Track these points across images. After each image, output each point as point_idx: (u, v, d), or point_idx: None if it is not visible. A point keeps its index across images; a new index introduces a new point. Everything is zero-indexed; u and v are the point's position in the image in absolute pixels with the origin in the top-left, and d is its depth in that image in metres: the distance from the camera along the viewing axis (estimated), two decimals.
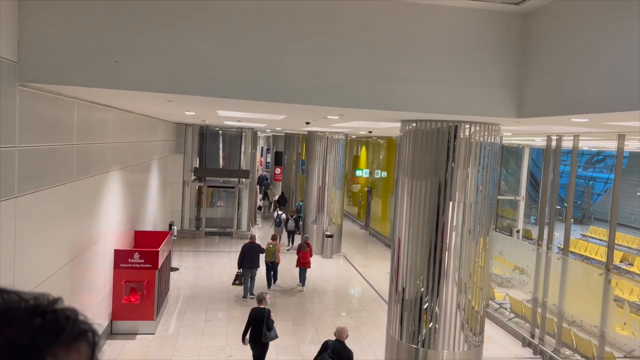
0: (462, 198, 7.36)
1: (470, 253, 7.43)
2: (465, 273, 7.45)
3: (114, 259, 9.93)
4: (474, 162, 7.35)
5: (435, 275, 7.47)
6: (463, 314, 7.51)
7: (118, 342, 9.69)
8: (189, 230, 19.94)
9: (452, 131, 7.28)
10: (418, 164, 7.55)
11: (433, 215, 7.42)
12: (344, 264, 17.35)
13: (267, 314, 8.10)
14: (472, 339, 7.66)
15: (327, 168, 18.51)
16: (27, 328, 0.83)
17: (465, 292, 7.48)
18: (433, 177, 7.41)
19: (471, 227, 7.40)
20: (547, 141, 10.76)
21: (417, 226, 7.57)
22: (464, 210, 7.37)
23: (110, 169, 9.34)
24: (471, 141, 7.29)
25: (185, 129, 19.53)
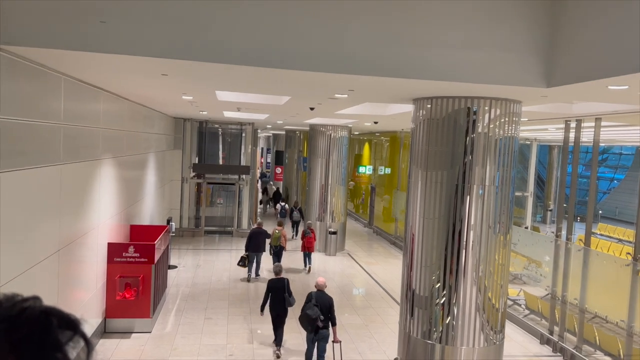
0: (481, 189, 6.83)
1: (489, 247, 6.91)
2: (485, 268, 6.93)
3: (108, 252, 9.36)
4: (494, 150, 6.83)
5: (453, 270, 6.95)
6: (482, 310, 6.97)
7: (112, 341, 9.10)
8: (188, 228, 19.36)
9: (470, 114, 6.75)
10: (433, 154, 7.03)
11: (450, 209, 6.90)
12: (348, 261, 16.77)
13: (287, 282, 9.02)
14: (492, 337, 7.10)
15: (330, 164, 17.96)
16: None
17: (484, 288, 6.96)
18: (449, 167, 6.90)
19: (491, 220, 6.88)
20: (565, 130, 10.19)
21: (433, 220, 7.07)
22: (483, 202, 6.84)
23: (102, 156, 8.78)
24: (490, 125, 6.77)
25: (184, 124, 18.98)
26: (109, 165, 9.28)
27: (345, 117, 12.97)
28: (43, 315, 0.83)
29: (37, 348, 0.80)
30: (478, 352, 7.08)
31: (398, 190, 20.18)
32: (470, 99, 6.74)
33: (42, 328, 0.81)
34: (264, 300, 9.03)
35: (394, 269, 15.96)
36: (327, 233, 17.45)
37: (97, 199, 8.58)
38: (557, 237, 10.06)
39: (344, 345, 9.48)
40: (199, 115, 16.99)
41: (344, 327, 10.48)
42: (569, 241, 9.72)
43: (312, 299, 8.05)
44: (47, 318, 0.83)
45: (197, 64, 5.08)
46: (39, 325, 0.82)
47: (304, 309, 8.03)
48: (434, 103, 6.99)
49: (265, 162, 46.65)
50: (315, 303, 7.96)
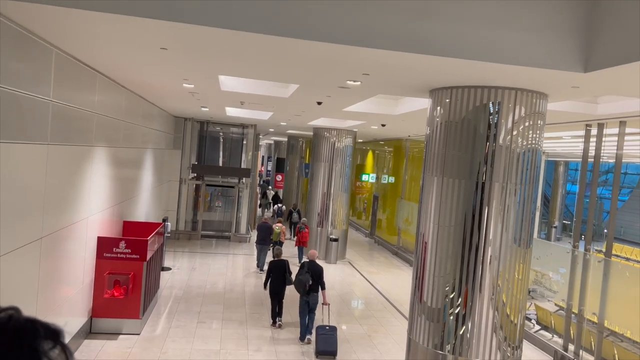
0: (503, 197, 6.31)
1: (509, 259, 6.37)
2: (503, 280, 6.38)
3: (97, 247, 8.79)
4: (519, 153, 6.31)
5: (469, 280, 6.38)
6: (498, 323, 6.41)
7: (97, 342, 8.49)
8: (184, 231, 18.77)
9: (492, 115, 6.25)
10: (450, 159, 6.52)
11: (467, 217, 6.38)
12: (349, 269, 16.17)
13: (287, 263, 10.05)
14: (509, 352, 6.52)
15: (333, 170, 17.44)
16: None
17: (502, 301, 6.40)
18: (468, 174, 6.38)
19: (511, 232, 6.35)
20: (585, 139, 9.68)
21: (448, 227, 6.53)
22: (503, 209, 6.32)
23: (95, 143, 8.25)
24: (513, 132, 6.26)
25: (185, 124, 18.49)
26: (102, 154, 8.74)
27: (352, 117, 12.45)
28: (29, 324, 0.84)
29: (27, 356, 0.81)
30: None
31: (402, 199, 19.62)
32: (494, 90, 6.23)
33: (31, 336, 0.82)
34: (266, 279, 10.10)
35: (396, 279, 15.38)
36: (328, 240, 16.87)
37: (88, 188, 8.03)
38: (575, 248, 9.49)
39: (347, 357, 8.90)
40: (200, 115, 16.50)
41: (346, 337, 9.87)
42: (588, 252, 9.15)
43: (305, 267, 9.31)
44: (34, 326, 0.84)
45: (198, 32, 4.57)
46: (27, 333, 0.82)
47: (297, 275, 9.27)
48: (453, 97, 6.47)
49: (266, 170, 46.14)
50: (307, 270, 9.19)
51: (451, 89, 6.51)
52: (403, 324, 11.15)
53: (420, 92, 7.00)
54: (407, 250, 18.64)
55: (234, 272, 14.34)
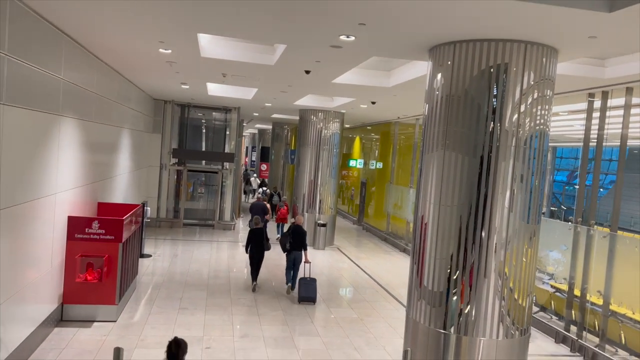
0: (510, 172, 5.79)
1: (516, 237, 5.86)
2: (510, 261, 5.88)
3: (68, 227, 8.08)
4: (529, 119, 5.79)
5: (474, 261, 5.86)
6: (506, 306, 5.91)
7: (69, 330, 7.81)
8: (166, 218, 18.02)
9: (499, 80, 5.71)
10: (452, 136, 5.96)
11: (471, 196, 5.84)
12: (338, 255, 15.61)
13: (265, 231, 11.47)
14: (512, 330, 6.02)
15: (320, 154, 16.83)
16: None
17: (507, 280, 5.90)
18: (472, 152, 5.84)
19: (519, 208, 5.84)
20: (588, 106, 9.21)
21: (450, 207, 5.99)
22: (511, 187, 5.80)
23: (63, 112, 7.52)
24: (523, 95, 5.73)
25: (164, 107, 17.70)
26: (72, 126, 8.02)
27: (341, 93, 11.83)
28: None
29: None
30: (499, 344, 5.99)
31: (391, 183, 19.11)
32: (501, 45, 5.68)
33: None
34: (247, 244, 11.08)
35: (386, 263, 14.89)
36: (316, 225, 16.28)
37: (55, 161, 7.31)
38: (577, 224, 9.03)
39: (339, 341, 8.37)
40: (180, 96, 15.74)
41: (337, 321, 9.32)
42: (592, 227, 8.69)
43: (290, 230, 10.98)
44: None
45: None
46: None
47: (283, 235, 11.12)
48: (456, 56, 5.90)
49: (250, 160, 45.38)
50: (289, 233, 10.84)
51: (454, 45, 5.94)
52: (396, 307, 10.64)
53: (420, 51, 6.42)
54: (397, 235, 18.17)
55: (219, 258, 13.69)
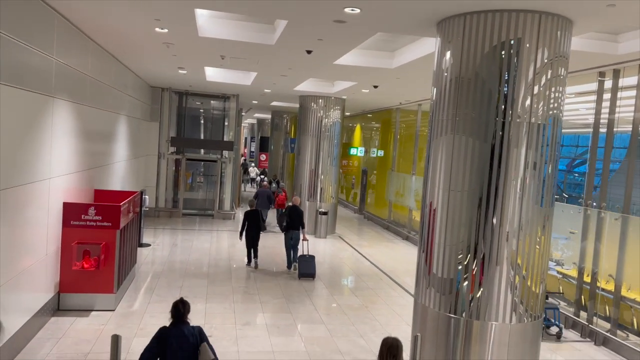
0: (522, 160, 5.54)
1: (529, 223, 5.63)
2: (523, 248, 5.65)
3: (63, 213, 7.83)
4: (542, 104, 5.53)
5: (486, 247, 5.63)
6: (519, 296, 5.70)
7: (66, 320, 7.59)
8: (164, 208, 17.77)
9: (511, 52, 5.44)
10: (463, 116, 5.69)
11: (482, 179, 5.60)
12: (340, 243, 15.39)
13: (260, 212, 11.91)
14: (526, 317, 5.81)
15: (321, 142, 16.55)
16: None
17: (519, 266, 5.67)
18: (484, 132, 5.58)
19: (531, 195, 5.60)
20: (598, 86, 8.93)
21: (461, 192, 5.74)
22: (524, 172, 5.56)
23: (56, 94, 7.25)
24: (537, 74, 5.47)
25: (162, 95, 17.38)
26: (65, 109, 7.74)
27: (342, 76, 11.54)
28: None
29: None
30: (512, 328, 5.77)
31: (393, 171, 18.86)
32: (514, 16, 5.40)
33: None
34: (242, 227, 11.38)
35: (389, 251, 14.68)
36: (317, 214, 16.05)
37: (49, 144, 7.05)
38: (587, 207, 8.80)
39: (344, 328, 8.17)
40: (178, 82, 15.44)
41: (341, 309, 9.11)
42: (602, 209, 8.46)
43: (287, 210, 11.47)
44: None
45: None
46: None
47: (280, 215, 11.91)
48: (466, 31, 5.63)
49: (249, 151, 45.09)
50: (287, 213, 11.34)
51: (464, 18, 5.66)
52: (401, 294, 10.44)
53: (427, 24, 6.13)
54: (399, 223, 17.95)
55: (219, 248, 13.46)
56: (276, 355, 6.96)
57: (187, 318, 4.48)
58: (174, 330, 4.34)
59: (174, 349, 4.25)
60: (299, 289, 10.13)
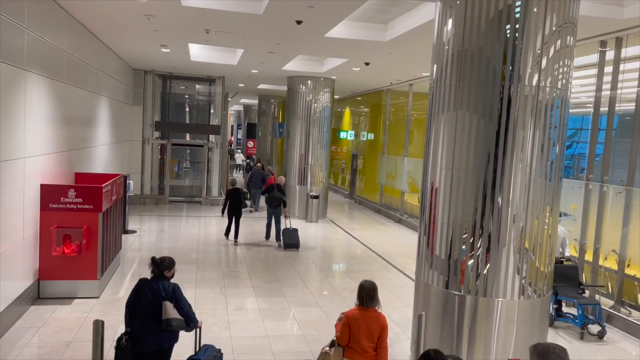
0: (529, 132, 5.20)
1: (536, 203, 5.31)
2: (530, 228, 5.34)
3: (41, 196, 7.36)
4: (550, 79, 5.19)
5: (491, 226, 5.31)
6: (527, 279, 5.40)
7: (46, 308, 7.16)
8: (150, 195, 17.28)
9: (517, 20, 5.07)
10: (467, 90, 5.31)
11: (488, 157, 5.25)
12: (332, 227, 15.06)
13: (241, 191, 12.18)
14: (531, 293, 5.53)
15: (311, 125, 16.12)
16: None
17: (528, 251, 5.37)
18: (489, 110, 5.22)
19: (538, 167, 5.27)
20: (599, 57, 8.61)
21: (465, 171, 5.39)
22: (532, 148, 5.23)
23: (29, 67, 6.75)
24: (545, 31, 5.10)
25: (145, 78, 16.80)
26: (40, 84, 7.25)
27: (334, 51, 11.11)
28: None
29: None
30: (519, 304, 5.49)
31: (384, 153, 18.52)
32: None
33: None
34: (224, 205, 12.05)
35: (382, 234, 14.39)
36: (308, 197, 15.69)
37: (22, 120, 6.57)
38: (589, 181, 8.53)
39: (340, 310, 7.85)
40: (161, 64, 14.89)
41: (336, 291, 8.79)
42: (605, 184, 8.20)
43: (275, 188, 12.05)
44: None
45: None
46: None
47: (272, 194, 11.99)
48: None
49: (236, 139, 44.51)
50: (277, 190, 11.95)
51: None
52: (397, 275, 10.16)
53: None
54: (391, 207, 17.66)
55: (208, 233, 13.05)
56: (271, 339, 6.62)
57: (169, 275, 4.63)
58: (150, 283, 4.54)
59: (148, 300, 4.46)
60: (292, 273, 9.78)
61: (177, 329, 4.51)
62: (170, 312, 4.43)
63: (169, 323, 4.42)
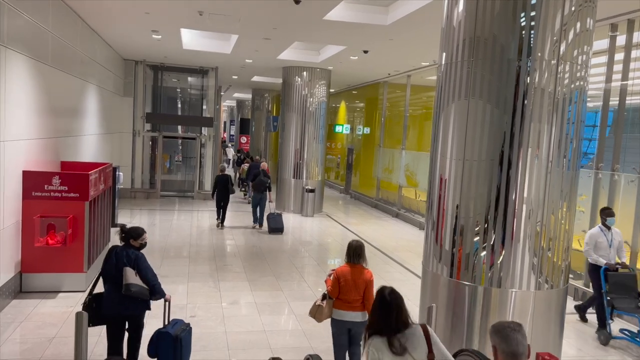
0: (545, 124, 4.82)
1: (552, 193, 4.93)
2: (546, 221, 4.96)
3: (23, 184, 6.93)
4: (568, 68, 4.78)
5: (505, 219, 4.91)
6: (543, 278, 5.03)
7: (29, 302, 6.73)
8: (141, 189, 16.81)
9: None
10: (480, 77, 4.91)
11: (502, 146, 4.86)
12: (328, 221, 14.68)
13: (230, 177, 12.68)
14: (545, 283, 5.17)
15: (306, 117, 15.72)
16: None
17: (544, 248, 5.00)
18: (500, 103, 4.84)
19: (554, 157, 4.89)
20: (610, 42, 8.29)
21: (478, 162, 4.99)
22: (548, 140, 4.85)
23: (8, 44, 6.31)
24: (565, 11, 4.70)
25: (135, 68, 16.32)
26: (21, 63, 6.81)
27: (332, 37, 10.72)
28: None
29: None
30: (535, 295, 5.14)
31: (381, 147, 18.16)
32: None
33: None
34: (213, 189, 12.52)
35: (379, 228, 14.04)
36: (304, 191, 15.30)
37: (1, 99, 6.13)
38: (598, 170, 8.21)
39: None
40: (152, 53, 14.43)
41: None
42: (616, 172, 7.88)
43: (260, 174, 12.54)
44: None
45: None
46: None
47: (259, 178, 12.50)
48: None
49: (229, 135, 44.02)
50: (263, 176, 12.47)
51: None
52: (397, 269, 9.81)
53: None
54: (388, 201, 17.31)
55: (200, 227, 12.62)
56: (268, 334, 6.23)
57: (136, 243, 4.79)
58: (118, 249, 4.76)
59: (112, 266, 4.68)
60: (289, 266, 9.40)
61: (136, 295, 4.61)
62: (129, 278, 4.58)
63: (128, 288, 4.55)
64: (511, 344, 2.59)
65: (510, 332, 2.64)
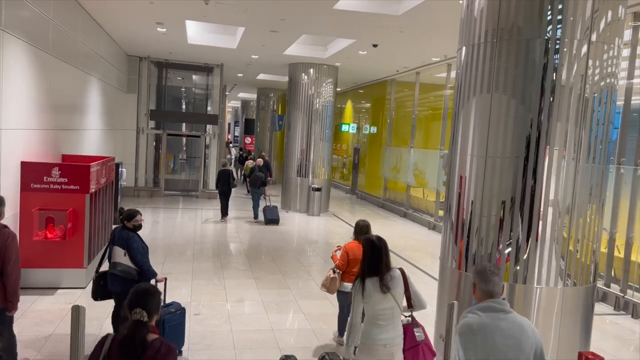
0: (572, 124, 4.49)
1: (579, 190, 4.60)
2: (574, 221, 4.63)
3: (21, 175, 6.66)
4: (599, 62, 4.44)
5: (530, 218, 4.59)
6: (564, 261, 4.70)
7: (26, 298, 6.42)
8: (145, 187, 16.54)
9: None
10: (504, 70, 4.58)
11: (527, 142, 4.54)
12: (335, 221, 14.38)
13: (231, 172, 13.18)
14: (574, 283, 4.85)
15: (313, 115, 15.43)
16: None
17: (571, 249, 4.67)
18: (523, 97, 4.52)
19: (582, 158, 4.57)
20: (632, 33, 7.97)
21: (501, 159, 4.66)
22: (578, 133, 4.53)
23: (6, 27, 6.05)
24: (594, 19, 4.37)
25: (140, 64, 16.07)
26: (21, 49, 6.55)
27: (342, 30, 10.42)
28: None
29: None
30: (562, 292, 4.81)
31: (388, 146, 17.85)
32: None
33: None
34: (216, 183, 12.97)
35: (388, 228, 13.72)
36: (310, 190, 15.00)
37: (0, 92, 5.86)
38: (620, 165, 7.87)
39: None
40: (157, 50, 14.19)
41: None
42: (639, 167, 7.54)
43: (256, 169, 13.18)
44: None
45: None
46: None
47: (255, 173, 13.08)
48: None
49: (233, 136, 43.80)
50: (259, 170, 13.10)
51: None
52: (408, 269, 9.44)
53: None
54: (395, 201, 16.98)
55: (205, 225, 12.35)
56: (276, 334, 5.92)
57: (129, 225, 5.03)
58: (117, 230, 5.11)
59: (110, 245, 5.09)
60: (296, 265, 9.09)
61: (121, 274, 4.85)
62: (117, 257, 4.89)
63: (115, 266, 4.88)
64: (489, 284, 2.85)
65: (490, 275, 2.89)
